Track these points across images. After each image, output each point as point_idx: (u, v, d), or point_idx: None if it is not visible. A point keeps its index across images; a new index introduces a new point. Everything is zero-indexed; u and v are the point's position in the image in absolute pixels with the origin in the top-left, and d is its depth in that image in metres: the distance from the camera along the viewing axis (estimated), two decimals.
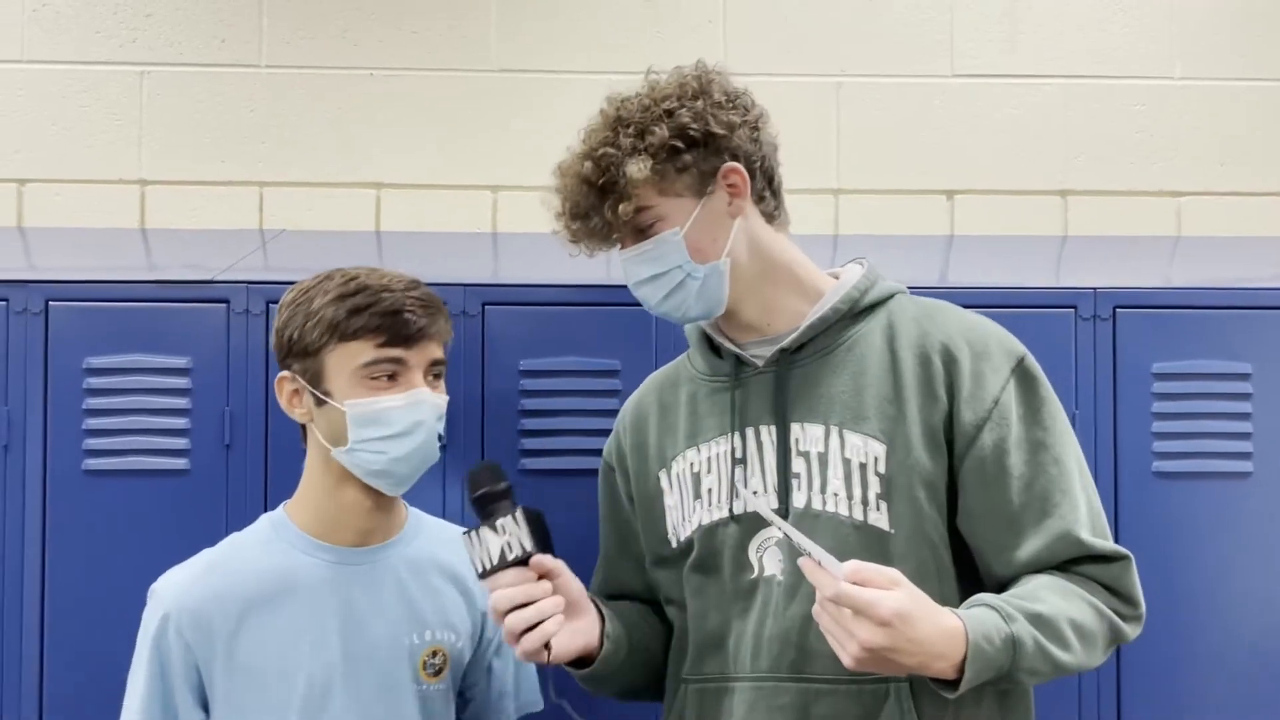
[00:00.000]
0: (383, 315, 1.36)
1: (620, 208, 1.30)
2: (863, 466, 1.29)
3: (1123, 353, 1.93)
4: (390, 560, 1.45)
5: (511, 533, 1.27)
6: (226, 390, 1.85)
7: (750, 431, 1.34)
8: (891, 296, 1.38)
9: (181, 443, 1.85)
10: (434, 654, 1.44)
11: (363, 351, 1.37)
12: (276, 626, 1.39)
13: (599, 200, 1.31)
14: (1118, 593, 1.28)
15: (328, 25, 2.43)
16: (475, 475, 1.32)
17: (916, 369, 1.31)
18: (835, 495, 1.30)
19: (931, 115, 2.47)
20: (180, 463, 1.85)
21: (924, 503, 1.28)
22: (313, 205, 2.41)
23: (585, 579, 1.81)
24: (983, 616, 1.18)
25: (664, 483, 1.42)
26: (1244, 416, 1.94)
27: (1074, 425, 1.38)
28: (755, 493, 1.31)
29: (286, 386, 1.43)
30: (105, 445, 1.85)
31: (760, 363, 1.36)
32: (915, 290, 1.46)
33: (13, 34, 2.39)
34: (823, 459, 1.30)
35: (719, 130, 1.32)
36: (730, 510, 1.34)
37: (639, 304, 1.72)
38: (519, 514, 1.28)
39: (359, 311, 1.36)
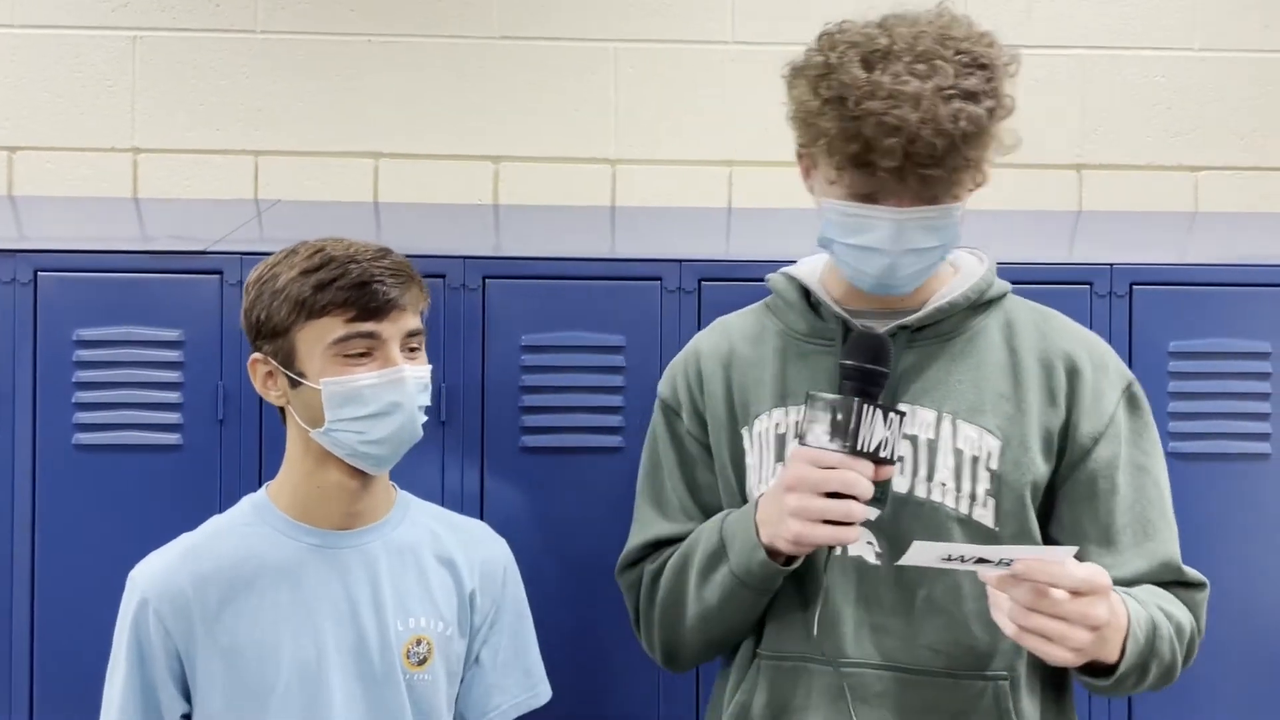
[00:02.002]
0: (350, 288, 1.31)
1: (970, 170, 1.17)
2: (975, 460, 1.26)
3: (1139, 331, 1.89)
4: (375, 544, 1.41)
5: (894, 434, 1.17)
6: (220, 364, 1.82)
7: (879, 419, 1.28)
8: (1005, 295, 1.36)
9: (174, 417, 1.82)
10: (418, 642, 1.40)
11: (333, 328, 1.32)
12: (258, 612, 1.36)
13: (969, 152, 1.15)
14: (1197, 619, 1.30)
15: None
16: (875, 343, 1.18)
17: (1039, 373, 1.30)
18: (943, 485, 1.26)
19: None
20: (172, 438, 1.82)
21: (1028, 502, 1.27)
22: (309, 175, 2.37)
23: (593, 553, 1.81)
24: (1127, 599, 1.19)
25: (745, 441, 1.35)
26: (1263, 397, 1.90)
27: None
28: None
29: (259, 369, 1.39)
30: (96, 419, 1.81)
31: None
32: None
33: None
34: (932, 446, 1.26)
35: (1010, 108, 1.21)
36: None
37: (645, 278, 1.67)
38: (903, 420, 1.18)
39: (325, 286, 1.31)
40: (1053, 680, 1.31)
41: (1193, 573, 1.31)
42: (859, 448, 1.15)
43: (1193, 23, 2.47)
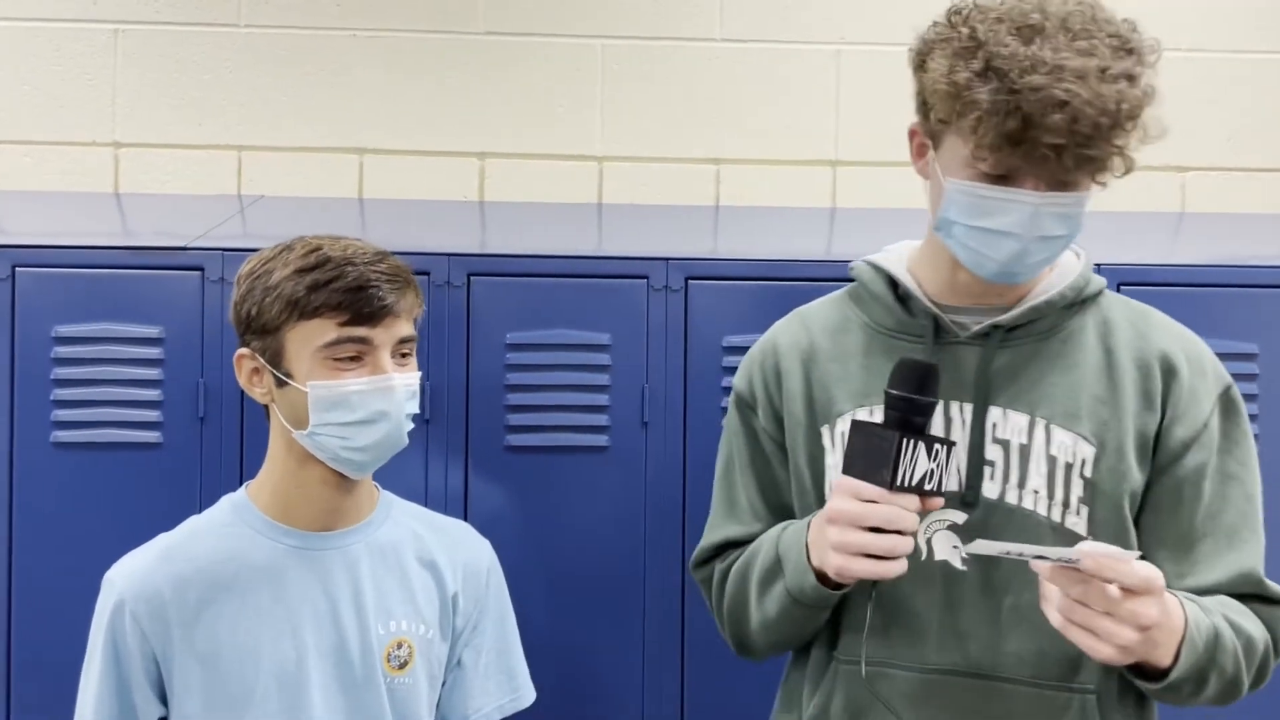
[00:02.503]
0: (345, 292, 1.28)
1: (1124, 159, 1.12)
2: (1069, 466, 1.22)
3: None
4: (357, 545, 1.38)
5: (939, 464, 1.14)
6: (201, 361, 1.80)
7: (939, 405, 1.23)
8: (1101, 292, 1.31)
9: (153, 415, 1.80)
10: (399, 645, 1.37)
11: (324, 330, 1.29)
12: (237, 614, 1.33)
13: (1111, 132, 1.10)
14: (1274, 636, 1.25)
15: None
16: (920, 371, 1.15)
17: (1135, 375, 1.25)
18: (1035, 492, 1.22)
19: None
20: (152, 435, 1.80)
21: (1127, 512, 1.23)
22: (292, 171, 2.35)
23: (579, 554, 1.81)
24: (1189, 605, 1.16)
25: (825, 439, 1.29)
26: (1251, 398, 1.90)
27: None
28: (956, 544, 1.20)
29: (246, 364, 1.35)
30: (74, 417, 1.79)
31: (964, 333, 1.26)
32: None
33: None
34: (1024, 451, 1.22)
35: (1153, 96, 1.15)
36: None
37: (631, 276, 1.66)
38: (951, 450, 1.15)
39: (320, 287, 1.28)
40: (1141, 697, 1.27)
41: (1276, 587, 1.24)
42: (899, 483, 1.12)
43: (1180, 23, 2.47)
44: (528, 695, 1.50)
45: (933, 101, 1.17)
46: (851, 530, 1.13)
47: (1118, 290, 1.88)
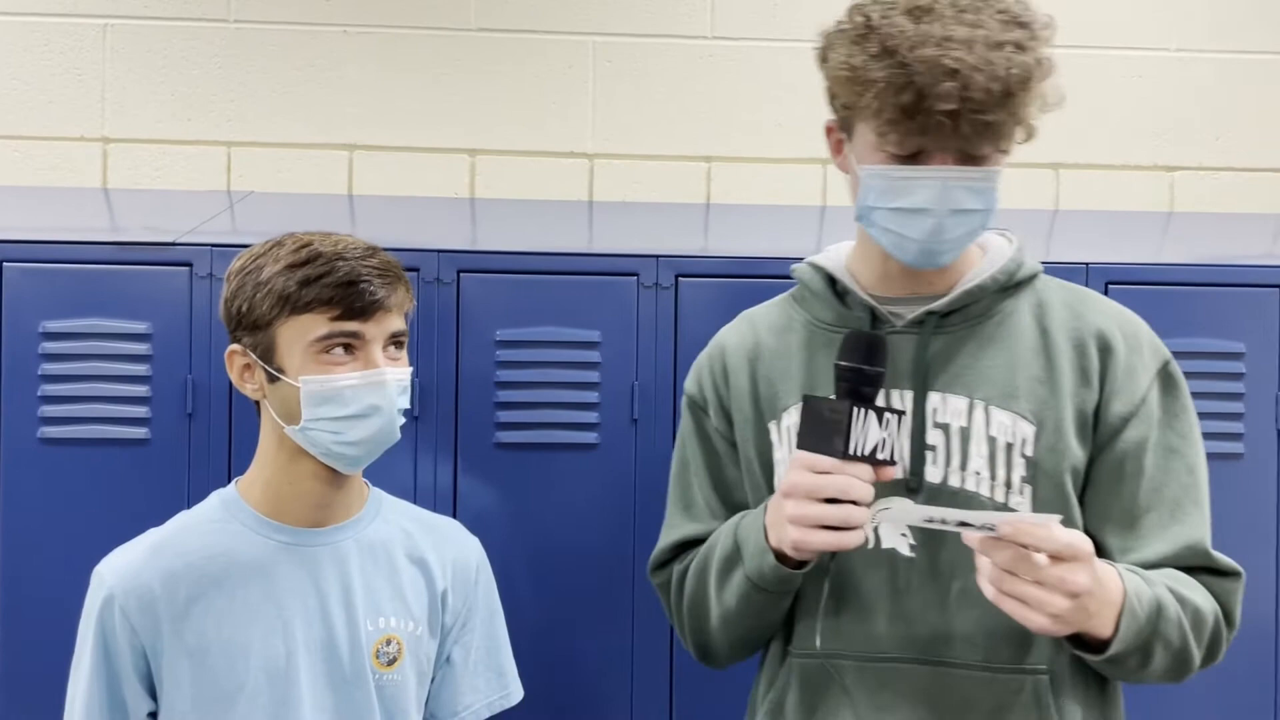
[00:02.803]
0: (336, 286, 1.28)
1: (1021, 127, 1.16)
2: (1009, 446, 1.23)
3: None
4: (347, 542, 1.39)
5: (891, 433, 1.16)
6: (189, 357, 1.79)
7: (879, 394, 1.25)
8: (1036, 275, 1.33)
9: (142, 411, 1.79)
10: (388, 642, 1.37)
11: (316, 325, 1.29)
12: (227, 610, 1.33)
13: (1004, 99, 1.13)
14: (1223, 608, 1.26)
15: None
16: (868, 342, 1.18)
17: (1072, 353, 1.26)
18: (977, 474, 1.24)
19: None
20: (140, 432, 1.79)
21: (1069, 489, 1.24)
22: (282, 167, 2.34)
23: (568, 552, 1.80)
24: (1130, 575, 1.17)
25: (773, 435, 1.32)
26: (1237, 397, 1.90)
27: None
28: (886, 509, 1.21)
29: (237, 360, 1.35)
30: (62, 413, 1.78)
31: (900, 322, 1.28)
32: None
33: None
34: (965, 434, 1.24)
35: (1049, 69, 1.20)
36: None
37: (622, 273, 1.66)
38: (903, 420, 1.18)
39: (311, 282, 1.28)
40: (1098, 677, 1.27)
41: (1224, 559, 1.25)
42: (852, 452, 1.14)
43: (1170, 23, 2.48)
44: (516, 693, 1.50)
45: (836, 90, 1.22)
46: (807, 503, 1.14)
47: (1105, 289, 1.90)
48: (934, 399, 1.25)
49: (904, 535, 1.25)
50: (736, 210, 2.35)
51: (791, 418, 1.29)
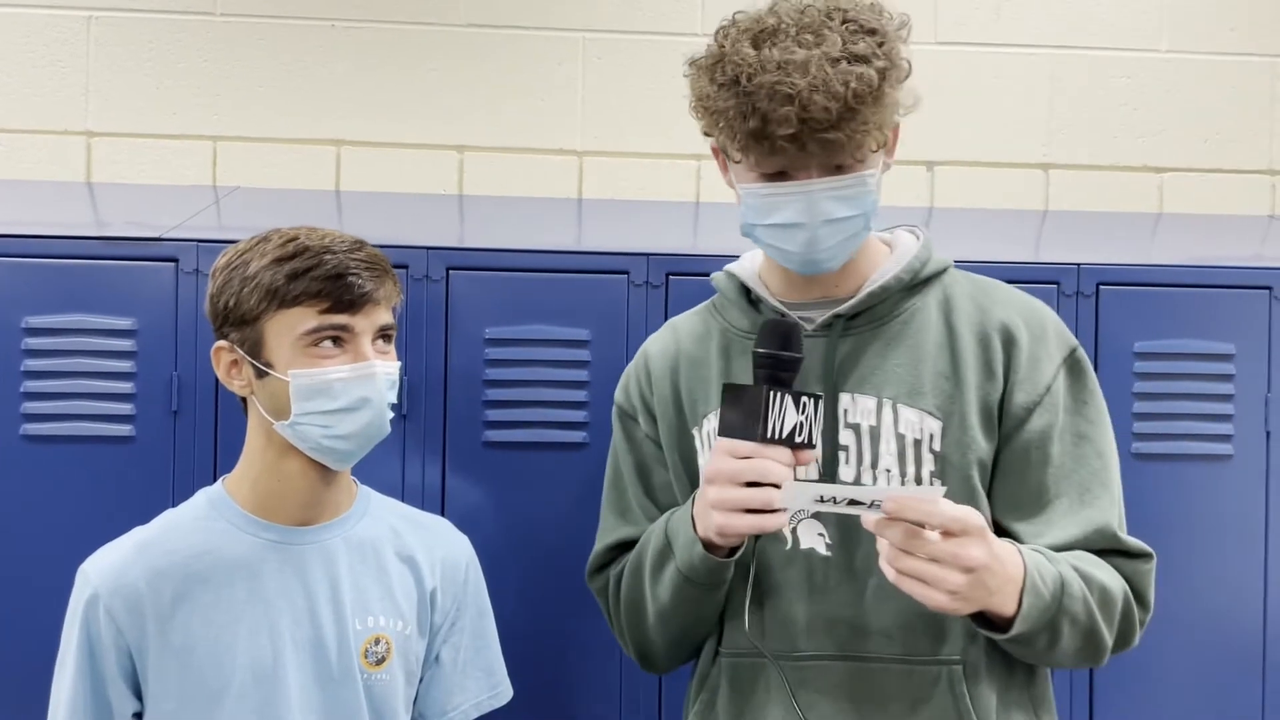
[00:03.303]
0: (325, 279, 1.28)
1: (873, 134, 1.18)
2: (917, 443, 1.26)
3: (1105, 330, 1.89)
4: (335, 540, 1.38)
5: (809, 417, 1.19)
6: (175, 354, 1.78)
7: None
8: (944, 270, 1.35)
9: (126, 408, 1.77)
10: (376, 641, 1.37)
11: (304, 319, 1.29)
12: (214, 609, 1.32)
13: (867, 114, 1.17)
14: (1135, 589, 1.28)
15: None
16: (784, 330, 1.21)
17: (975, 347, 1.29)
18: (887, 471, 1.26)
19: (913, 83, 2.42)
20: (125, 429, 1.77)
21: (977, 482, 1.26)
22: (269, 162, 2.33)
23: (558, 553, 1.78)
24: (1032, 554, 1.19)
25: (697, 440, 1.36)
26: (1226, 398, 1.91)
27: None
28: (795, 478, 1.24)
29: (224, 357, 1.35)
30: (45, 410, 1.76)
31: (810, 326, 1.31)
32: None
33: None
34: (874, 433, 1.26)
35: (907, 70, 1.23)
36: None
37: (612, 272, 1.64)
38: (820, 404, 1.20)
39: (299, 276, 1.28)
40: (1019, 668, 1.30)
41: (1133, 542, 1.28)
42: (770, 435, 1.16)
43: (1160, 24, 2.48)
44: (505, 692, 1.50)
45: (698, 119, 1.25)
46: (729, 487, 1.17)
47: (1096, 290, 1.91)
48: (844, 400, 1.28)
49: (821, 535, 1.27)
50: (727, 209, 2.34)
51: (712, 423, 1.32)
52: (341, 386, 1.29)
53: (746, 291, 1.36)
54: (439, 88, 2.36)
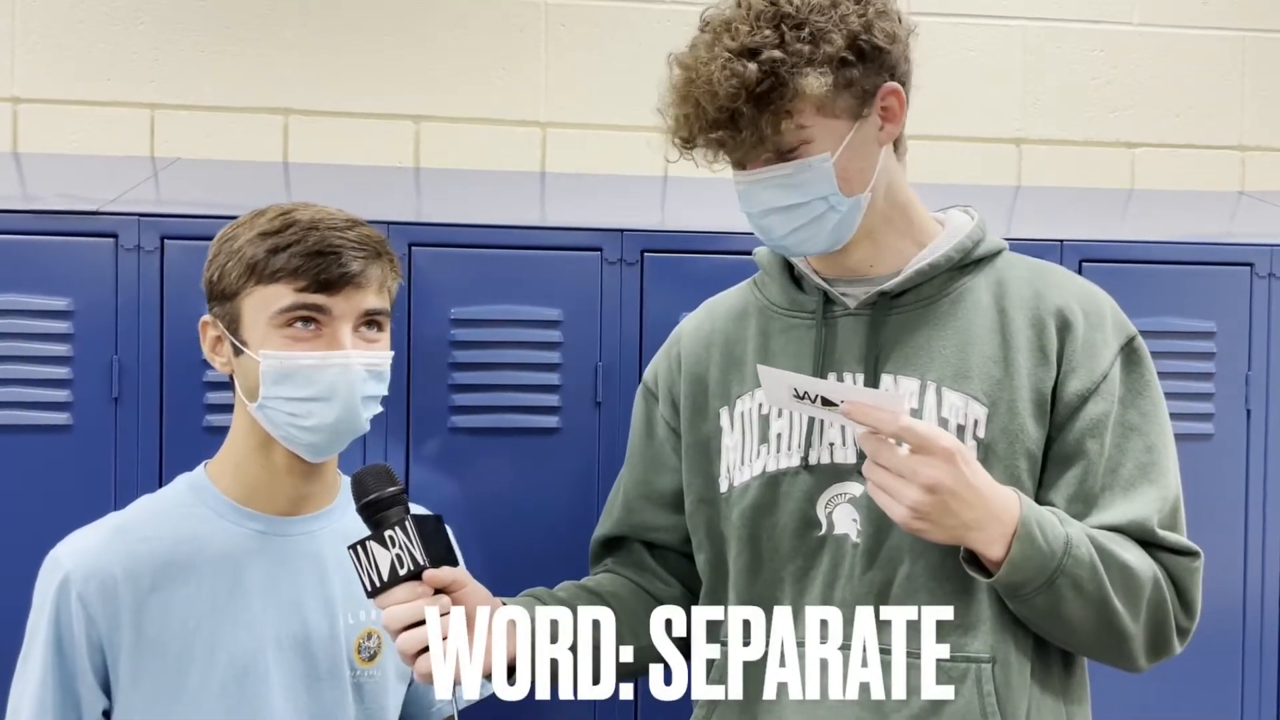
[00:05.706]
0: (305, 256, 1.24)
1: (783, 124, 1.16)
2: (960, 428, 1.22)
3: None
4: (322, 532, 1.34)
5: (402, 544, 1.16)
6: (115, 336, 1.70)
7: (833, 377, 1.27)
8: (999, 252, 1.33)
9: (63, 395, 1.69)
10: (369, 636, 1.34)
11: (280, 296, 1.25)
12: (193, 601, 1.27)
13: (756, 110, 1.15)
14: (1178, 588, 1.24)
15: None
16: (361, 480, 1.19)
17: (1029, 332, 1.25)
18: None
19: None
20: (61, 417, 1.69)
21: (1023, 473, 1.22)
22: (211, 131, 2.24)
23: (528, 545, 1.74)
24: (1040, 508, 1.18)
25: (724, 420, 1.33)
26: (1206, 376, 1.92)
27: None
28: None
29: (209, 332, 1.32)
30: None
31: (852, 303, 1.28)
32: None
33: None
34: (915, 416, 1.21)
35: (884, 44, 1.21)
36: (804, 459, 1.26)
37: (584, 248, 1.59)
38: (409, 523, 1.17)
39: (279, 251, 1.24)
40: (1052, 666, 1.26)
41: (1173, 537, 1.23)
42: (374, 588, 1.16)
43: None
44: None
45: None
46: (399, 640, 1.17)
47: (1079, 267, 1.88)
48: (886, 381, 1.25)
49: (854, 520, 1.24)
50: (696, 184, 2.28)
51: (745, 403, 1.31)
52: (310, 373, 1.24)
53: (789, 267, 1.34)
54: (394, 54, 2.28)
